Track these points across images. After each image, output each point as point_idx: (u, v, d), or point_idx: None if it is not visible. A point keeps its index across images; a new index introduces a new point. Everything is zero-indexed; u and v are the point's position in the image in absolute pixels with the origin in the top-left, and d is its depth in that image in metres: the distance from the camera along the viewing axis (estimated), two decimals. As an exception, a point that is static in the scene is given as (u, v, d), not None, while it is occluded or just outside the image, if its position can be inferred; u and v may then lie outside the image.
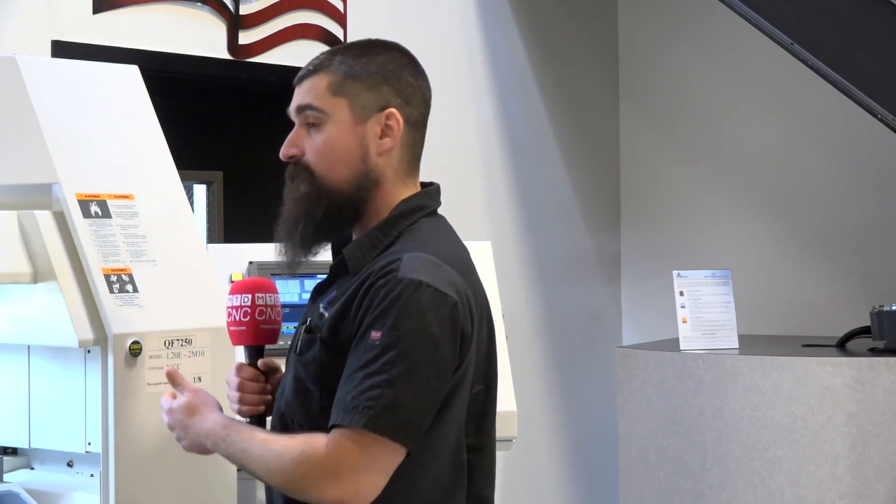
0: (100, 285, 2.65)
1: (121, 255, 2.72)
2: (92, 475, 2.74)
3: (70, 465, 2.83)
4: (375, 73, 2.25)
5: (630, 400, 4.74)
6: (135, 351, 2.65)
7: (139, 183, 2.85)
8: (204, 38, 4.29)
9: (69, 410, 2.75)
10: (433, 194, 2.32)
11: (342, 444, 2.09)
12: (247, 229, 4.16)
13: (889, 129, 4.45)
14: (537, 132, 5.63)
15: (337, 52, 2.29)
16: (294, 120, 2.30)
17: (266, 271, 3.37)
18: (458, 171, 5.15)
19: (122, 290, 2.68)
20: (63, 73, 2.90)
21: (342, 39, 4.66)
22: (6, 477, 2.84)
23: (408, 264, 2.14)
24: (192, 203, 4.37)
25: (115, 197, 2.78)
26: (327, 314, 2.21)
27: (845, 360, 4.38)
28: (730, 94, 5.79)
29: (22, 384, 2.86)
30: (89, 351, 2.70)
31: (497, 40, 5.36)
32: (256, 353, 2.40)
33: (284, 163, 2.30)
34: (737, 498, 4.45)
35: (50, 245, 2.68)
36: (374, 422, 2.07)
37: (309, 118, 2.26)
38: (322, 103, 2.25)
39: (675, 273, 4.74)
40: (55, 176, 2.72)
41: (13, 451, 2.92)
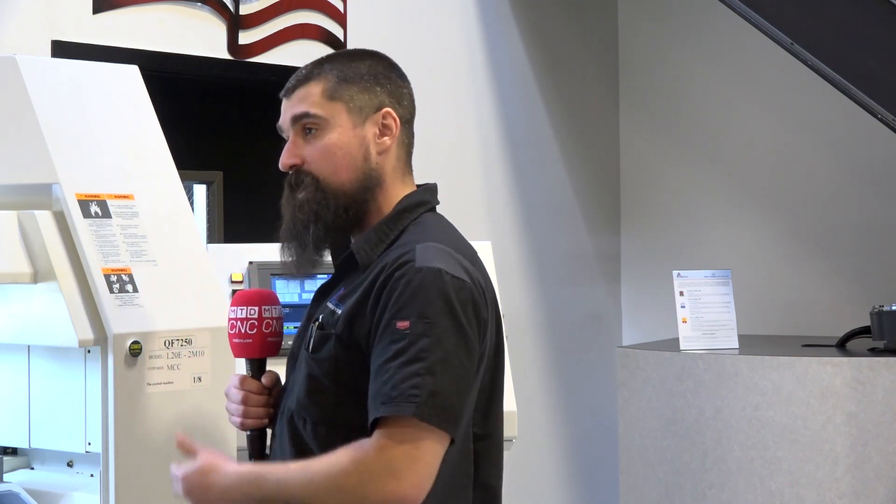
0: (100, 285, 2.65)
1: (121, 255, 2.72)
2: (92, 475, 2.74)
3: (70, 465, 2.83)
4: (366, 75, 2.28)
5: (630, 400, 4.73)
6: (135, 351, 2.65)
7: (139, 183, 2.85)
8: (204, 38, 4.29)
9: (69, 410, 2.75)
10: (433, 191, 2.35)
11: (392, 439, 2.05)
12: (247, 229, 4.16)
13: (889, 129, 4.45)
14: (537, 132, 5.62)
15: (324, 62, 2.31)
16: (286, 133, 2.30)
17: (266, 271, 3.38)
18: (458, 171, 5.15)
19: (122, 290, 2.68)
20: (63, 73, 2.90)
21: (342, 39, 4.66)
22: (6, 477, 2.84)
23: (422, 253, 2.15)
24: (192, 203, 4.37)
25: (115, 197, 2.78)
26: (340, 310, 2.20)
27: (845, 360, 4.37)
28: (730, 94, 5.79)
29: (22, 384, 2.86)
30: (89, 351, 2.70)
31: (497, 40, 5.36)
32: (260, 365, 2.36)
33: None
34: (737, 498, 4.44)
35: (50, 245, 2.68)
36: (421, 410, 2.04)
37: (307, 126, 2.26)
38: (319, 109, 2.26)
39: (675, 273, 4.73)
40: (55, 176, 2.72)
41: (13, 451, 2.92)
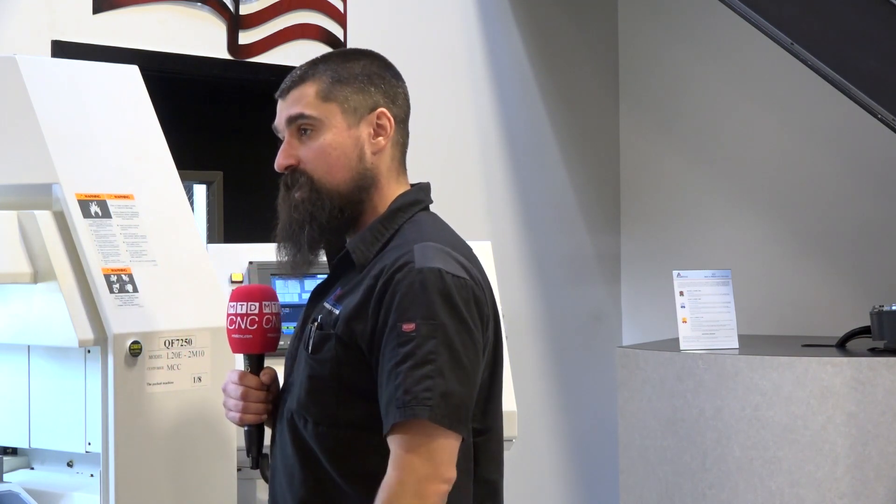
0: (100, 285, 2.65)
1: (121, 255, 2.72)
2: (92, 475, 2.74)
3: (70, 465, 2.83)
4: (360, 75, 2.29)
5: (630, 400, 4.73)
6: (135, 351, 2.65)
7: (139, 183, 2.85)
8: (204, 38, 4.29)
9: (69, 410, 2.75)
10: (426, 190, 2.36)
11: (408, 451, 2.07)
12: (247, 229, 4.15)
13: (889, 129, 4.45)
14: (537, 132, 5.62)
15: (318, 62, 2.31)
16: (281, 134, 2.31)
17: (266, 271, 3.37)
18: (458, 171, 5.15)
19: (122, 290, 2.68)
20: (63, 73, 2.90)
21: (342, 39, 4.66)
22: (6, 477, 2.84)
23: (421, 254, 2.16)
24: (192, 203, 4.37)
25: (115, 197, 2.78)
26: (338, 311, 2.21)
27: (845, 360, 4.37)
28: (730, 94, 5.79)
29: (22, 384, 2.86)
30: (89, 351, 2.70)
31: (497, 40, 5.36)
32: (258, 361, 2.37)
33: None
34: (737, 498, 4.44)
35: (50, 245, 2.68)
36: (434, 412, 2.06)
37: (302, 126, 2.27)
38: (314, 110, 2.27)
39: (675, 273, 4.73)
40: (55, 176, 2.72)
41: (13, 451, 2.92)
